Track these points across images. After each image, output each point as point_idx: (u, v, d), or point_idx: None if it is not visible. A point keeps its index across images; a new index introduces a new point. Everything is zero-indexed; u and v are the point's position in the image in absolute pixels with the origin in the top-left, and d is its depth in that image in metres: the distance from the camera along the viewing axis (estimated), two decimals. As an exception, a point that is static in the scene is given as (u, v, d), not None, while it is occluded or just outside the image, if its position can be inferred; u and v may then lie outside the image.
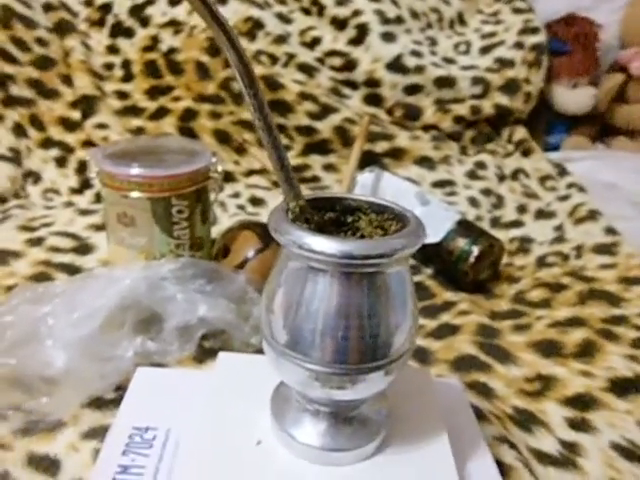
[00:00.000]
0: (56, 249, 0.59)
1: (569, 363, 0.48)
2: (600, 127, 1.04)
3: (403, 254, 0.24)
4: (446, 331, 0.51)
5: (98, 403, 0.40)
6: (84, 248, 0.60)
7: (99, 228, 0.63)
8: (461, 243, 0.58)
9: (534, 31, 0.97)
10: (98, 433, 0.37)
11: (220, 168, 0.53)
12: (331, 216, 0.28)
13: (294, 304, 0.26)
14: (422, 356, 0.48)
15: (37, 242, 0.60)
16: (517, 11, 1.01)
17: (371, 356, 0.25)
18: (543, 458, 0.39)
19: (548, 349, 0.49)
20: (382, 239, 0.25)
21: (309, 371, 0.26)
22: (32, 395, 0.38)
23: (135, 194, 0.47)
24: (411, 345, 0.27)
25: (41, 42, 0.81)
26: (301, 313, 0.25)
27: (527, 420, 0.42)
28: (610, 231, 0.69)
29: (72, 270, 0.56)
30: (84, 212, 0.68)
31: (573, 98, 0.98)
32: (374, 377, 0.26)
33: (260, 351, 0.44)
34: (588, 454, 0.39)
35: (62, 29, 0.84)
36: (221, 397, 0.33)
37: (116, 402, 0.38)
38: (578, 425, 0.42)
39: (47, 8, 0.84)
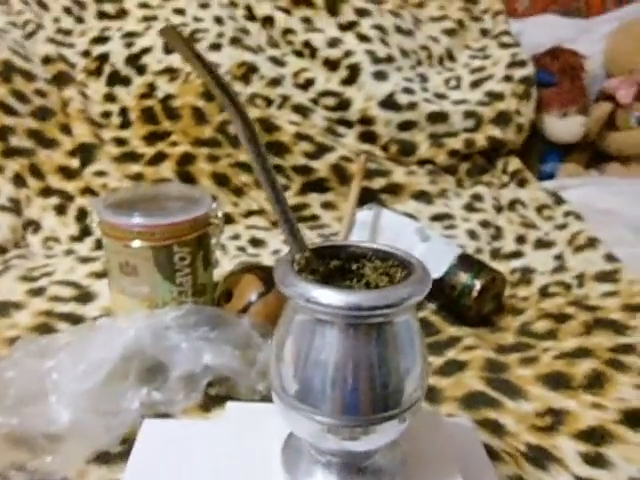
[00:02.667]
0: (57, 298, 0.59)
1: (579, 395, 0.47)
2: (592, 154, 1.06)
3: (410, 303, 0.24)
4: (453, 367, 0.51)
5: (104, 458, 0.39)
6: (85, 296, 0.60)
7: (100, 275, 0.63)
8: (463, 278, 0.58)
9: (522, 64, 0.99)
10: (105, 491, 0.36)
11: (220, 213, 0.53)
12: (336, 264, 0.28)
13: (303, 356, 0.25)
14: (431, 394, 0.47)
15: (38, 292, 0.60)
16: (504, 45, 1.03)
17: (383, 406, 0.25)
18: (560, 497, 0.38)
19: (557, 382, 0.49)
20: (388, 289, 0.25)
21: (320, 423, 0.25)
22: (36, 454, 0.37)
23: (137, 243, 0.47)
24: (423, 391, 0.27)
25: (40, 93, 0.82)
26: (310, 365, 0.25)
27: (541, 457, 0.41)
28: (610, 258, 0.69)
29: (74, 319, 0.56)
30: (85, 260, 0.68)
31: (564, 127, 1.00)
32: (387, 427, 0.26)
33: (267, 397, 0.44)
34: (606, 491, 0.39)
35: (60, 80, 0.85)
36: (231, 450, 0.32)
37: (123, 456, 0.38)
38: (593, 460, 0.41)
39: (46, 61, 0.86)
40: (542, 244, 0.76)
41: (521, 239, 0.78)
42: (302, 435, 0.28)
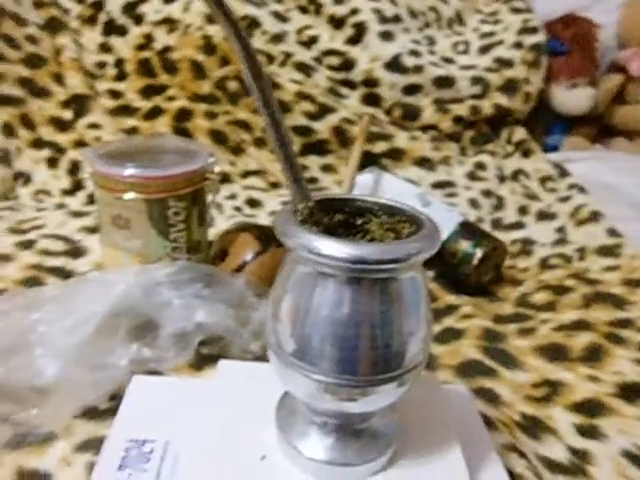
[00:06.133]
0: (47, 252, 0.57)
1: (576, 368, 0.47)
2: (599, 128, 1.04)
3: (418, 259, 0.23)
4: (450, 335, 0.50)
5: (92, 413, 0.38)
6: (76, 251, 0.58)
7: (92, 230, 0.62)
8: (464, 245, 0.57)
9: (533, 31, 0.96)
10: (92, 445, 0.35)
11: (218, 169, 0.51)
12: (340, 218, 0.27)
13: (302, 311, 0.24)
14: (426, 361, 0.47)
15: (27, 245, 0.58)
16: (516, 11, 1.00)
17: (383, 367, 0.24)
18: (553, 466, 0.38)
19: (554, 353, 0.48)
20: (396, 243, 0.24)
21: (317, 382, 0.24)
22: (21, 406, 0.36)
23: (130, 195, 0.45)
24: (425, 354, 0.26)
25: (31, 40, 0.79)
26: (309, 321, 0.24)
27: (535, 427, 0.41)
28: (612, 233, 0.68)
29: (64, 274, 0.54)
30: (76, 214, 0.66)
31: (572, 99, 0.97)
32: (386, 389, 0.25)
33: (260, 358, 0.43)
34: (598, 462, 0.38)
35: (53, 26, 0.82)
36: (222, 408, 0.31)
37: (111, 412, 0.37)
38: (587, 432, 0.40)
39: (38, 5, 0.82)
40: (544, 216, 0.75)
41: (523, 210, 0.77)
42: (298, 395, 0.26)
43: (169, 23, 0.84)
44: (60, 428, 0.36)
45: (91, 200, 0.70)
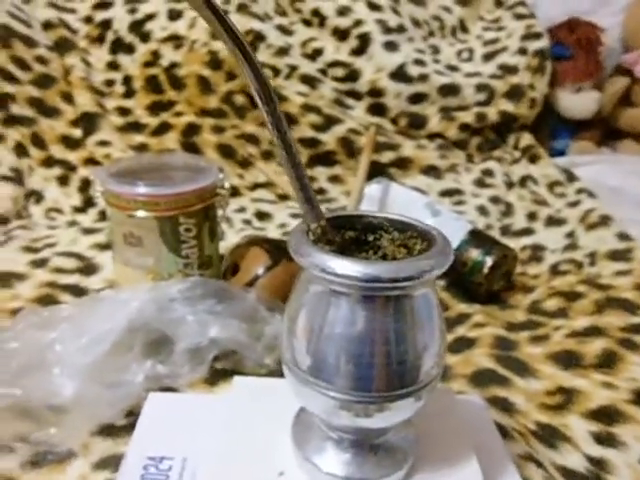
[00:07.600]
0: (61, 270, 0.58)
1: (590, 374, 0.46)
2: (605, 131, 1.03)
3: (431, 276, 0.23)
4: (462, 344, 0.50)
5: (109, 431, 0.38)
6: (89, 268, 0.59)
7: (104, 247, 0.62)
8: (474, 254, 0.57)
9: (537, 36, 0.96)
10: (110, 463, 0.36)
11: (227, 184, 0.52)
12: (352, 235, 0.27)
13: (316, 329, 0.24)
14: (440, 372, 0.47)
15: (41, 263, 0.59)
16: (519, 17, 1.00)
17: (399, 383, 0.24)
18: (570, 476, 0.37)
19: (568, 360, 0.48)
20: (408, 260, 0.24)
21: (333, 399, 0.25)
22: (40, 425, 0.37)
23: (141, 213, 0.46)
24: (440, 368, 0.26)
25: (41, 60, 0.80)
26: (324, 339, 0.24)
27: (551, 436, 0.40)
28: (623, 237, 0.68)
29: (77, 291, 0.55)
30: (88, 231, 0.67)
31: (577, 103, 0.97)
32: (402, 404, 0.25)
33: (274, 372, 0.43)
34: (617, 471, 0.38)
35: (62, 47, 0.83)
36: (239, 424, 0.32)
37: (128, 429, 0.37)
38: (604, 440, 0.40)
39: (47, 26, 0.84)
40: (553, 221, 0.75)
41: (532, 216, 0.77)
42: (314, 411, 0.27)
43: (175, 40, 0.86)
44: (78, 446, 0.37)
45: (102, 217, 0.71)
